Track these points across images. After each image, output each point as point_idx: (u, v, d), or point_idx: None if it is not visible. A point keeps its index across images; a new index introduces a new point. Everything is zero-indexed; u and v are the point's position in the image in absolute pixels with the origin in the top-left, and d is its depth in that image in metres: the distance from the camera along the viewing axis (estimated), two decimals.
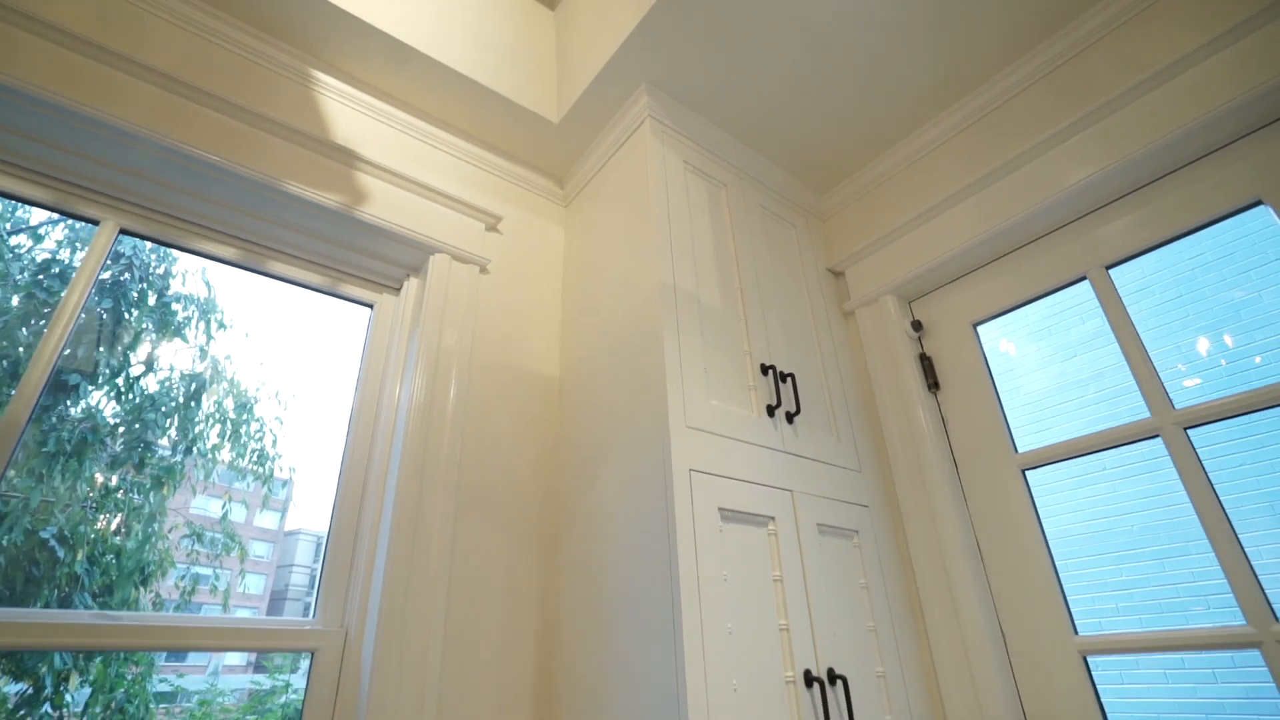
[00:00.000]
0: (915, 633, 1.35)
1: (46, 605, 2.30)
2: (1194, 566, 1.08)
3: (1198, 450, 1.13)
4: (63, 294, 1.12)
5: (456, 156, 1.58)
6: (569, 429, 1.43)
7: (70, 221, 2.65)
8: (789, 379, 1.39)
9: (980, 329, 1.51)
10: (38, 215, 2.52)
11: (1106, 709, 1.14)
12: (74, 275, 1.15)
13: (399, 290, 1.49)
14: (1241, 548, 1.05)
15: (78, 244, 2.68)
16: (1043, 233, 1.41)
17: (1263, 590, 1.02)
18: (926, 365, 1.55)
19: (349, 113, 1.44)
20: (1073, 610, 1.22)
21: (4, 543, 2.19)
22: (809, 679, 1.08)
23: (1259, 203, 1.15)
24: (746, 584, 1.10)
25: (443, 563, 1.19)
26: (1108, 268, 1.32)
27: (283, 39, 1.37)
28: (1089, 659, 1.19)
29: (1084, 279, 1.35)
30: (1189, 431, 1.15)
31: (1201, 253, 1.26)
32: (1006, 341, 1.46)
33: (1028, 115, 1.43)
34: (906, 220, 1.59)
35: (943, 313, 1.57)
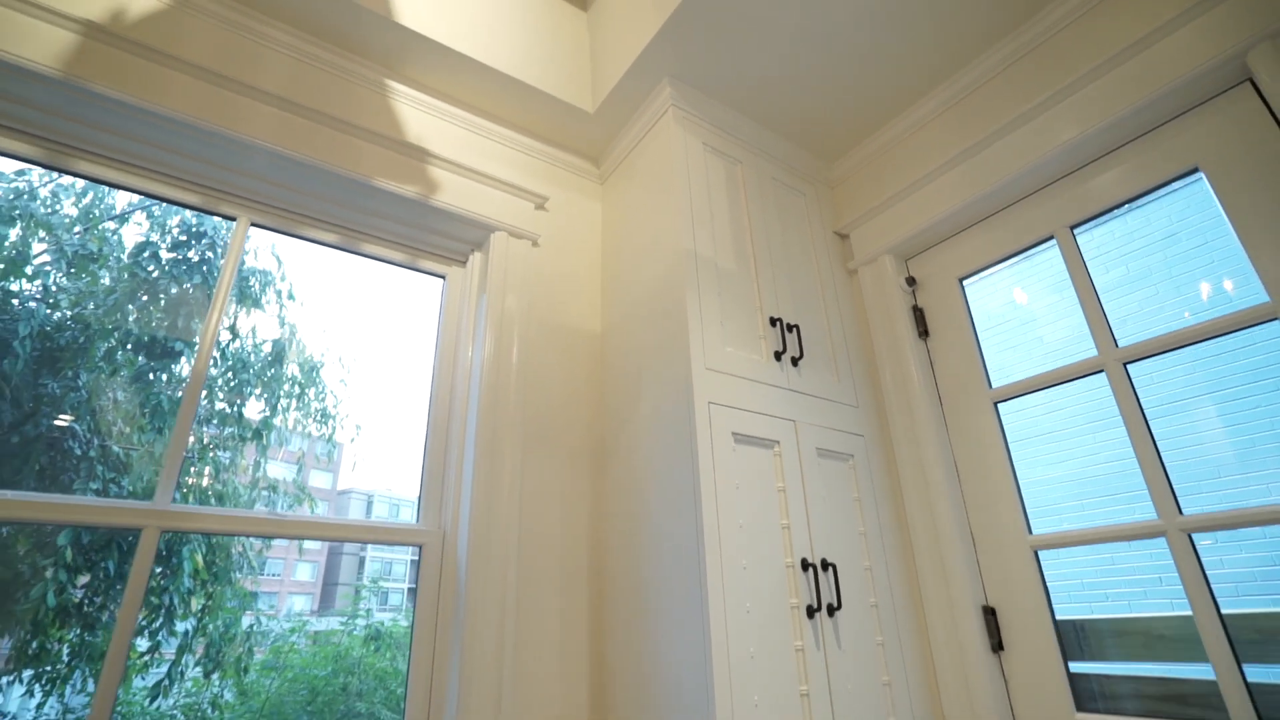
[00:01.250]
0: (900, 537, 1.63)
1: None
2: (1126, 474, 1.32)
3: (1133, 381, 1.36)
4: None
5: (508, 146, 1.85)
6: (610, 374, 1.72)
7: (153, 208, 3.00)
8: (794, 329, 1.65)
9: (965, 283, 1.73)
10: (122, 200, 2.81)
11: (1050, 590, 1.41)
12: (222, 263, 1.48)
13: (465, 263, 1.79)
14: (1159, 456, 1.29)
15: (162, 228, 3.02)
16: (1019, 197, 1.62)
17: (1173, 492, 1.26)
18: (918, 315, 1.79)
19: (417, 114, 1.71)
20: (1028, 514, 1.48)
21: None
22: (805, 565, 1.38)
23: (1196, 169, 1.34)
24: (755, 492, 1.39)
25: (514, 483, 1.51)
26: (1072, 228, 1.52)
27: (363, 55, 1.64)
28: (1039, 552, 1.45)
29: (1051, 238, 1.55)
30: (1128, 366, 1.38)
31: (1150, 223, 1.46)
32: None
33: (1008, 92, 1.62)
34: (903, 187, 1.81)
35: (933, 269, 1.80)
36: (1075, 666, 1.37)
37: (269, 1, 1.50)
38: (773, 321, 1.62)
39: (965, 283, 1.73)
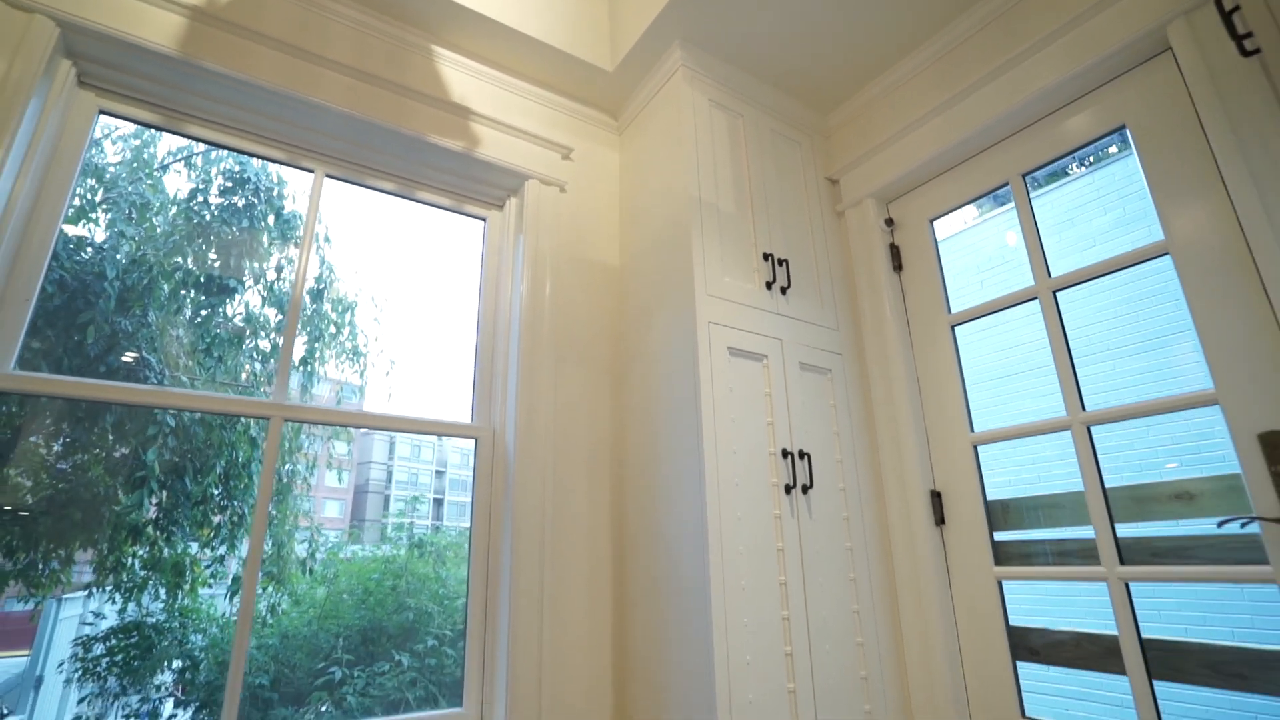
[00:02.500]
0: (867, 436, 1.96)
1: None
2: (1046, 380, 1.63)
3: (1059, 305, 1.65)
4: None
5: (537, 102, 2.10)
6: (627, 302, 2.03)
7: (195, 159, 3.24)
8: (784, 263, 1.94)
9: (934, 223, 2.00)
10: (161, 150, 3.01)
11: (984, 476, 1.75)
12: (305, 214, 1.78)
13: (503, 207, 2.08)
14: (1072, 364, 1.60)
15: (209, 175, 3.25)
16: (981, 149, 1.86)
17: (1079, 394, 1.58)
18: (894, 252, 2.07)
19: (460, 76, 1.97)
20: (972, 416, 1.81)
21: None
22: (784, 453, 1.72)
23: (1123, 126, 1.58)
24: (746, 396, 1.72)
25: (550, 391, 1.85)
26: (1024, 175, 1.78)
27: (414, 24, 1.88)
28: (977, 447, 1.78)
29: (1006, 184, 1.81)
30: (1057, 294, 1.67)
31: (1091, 185, 1.71)
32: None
33: (976, 55, 1.84)
34: (886, 138, 2.05)
35: (909, 211, 2.06)
36: (998, 535, 1.73)
37: None
38: (765, 256, 1.91)
39: (935, 222, 2.00)
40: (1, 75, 1.31)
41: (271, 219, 3.51)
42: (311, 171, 1.82)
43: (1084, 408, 1.57)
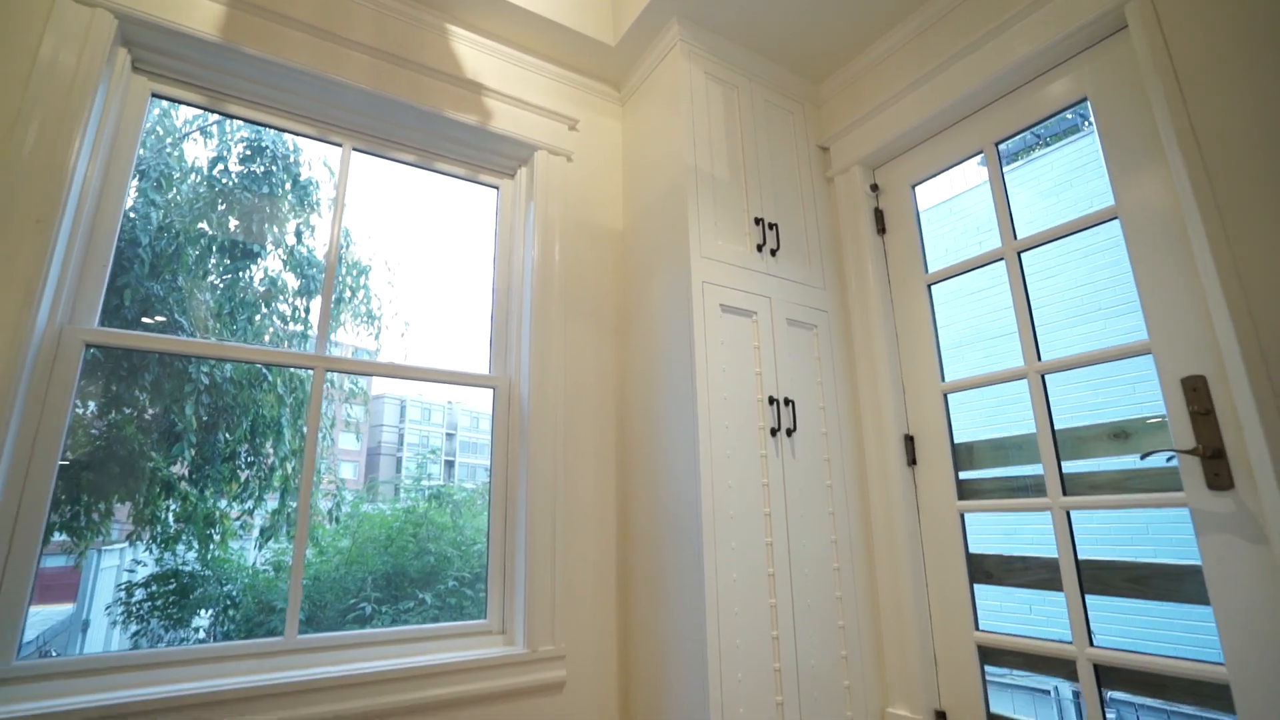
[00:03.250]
0: (849, 386, 2.15)
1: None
2: (1010, 335, 1.80)
3: (1023, 264, 1.81)
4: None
5: (545, 76, 2.24)
6: (629, 263, 2.21)
7: (210, 127, 3.36)
8: (774, 227, 2.10)
9: (916, 189, 2.14)
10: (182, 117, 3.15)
11: (951, 422, 1.94)
12: (322, 181, 1.95)
13: (514, 176, 2.24)
14: (1031, 319, 1.76)
15: (227, 143, 3.38)
16: (959, 119, 1.99)
17: (1036, 345, 1.75)
18: (879, 216, 2.22)
19: (473, 53, 2.11)
20: (943, 366, 1.98)
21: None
22: (771, 400, 1.92)
23: (1085, 99, 1.71)
24: (736, 349, 1.90)
25: (560, 345, 2.04)
26: (996, 143, 1.91)
27: (428, 5, 2.02)
28: (947, 395, 1.97)
29: (980, 151, 1.95)
30: (1021, 255, 1.82)
31: (1059, 157, 1.84)
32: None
33: (955, 29, 1.95)
34: (873, 107, 2.18)
35: (893, 177, 2.20)
36: (962, 474, 1.92)
37: None
38: (757, 221, 2.07)
39: (916, 188, 2.14)
40: (73, 68, 1.48)
41: (289, 185, 3.66)
42: (340, 145, 1.99)
43: (1040, 358, 1.74)
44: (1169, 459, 1.48)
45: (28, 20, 1.48)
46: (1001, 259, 1.86)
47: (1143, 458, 1.44)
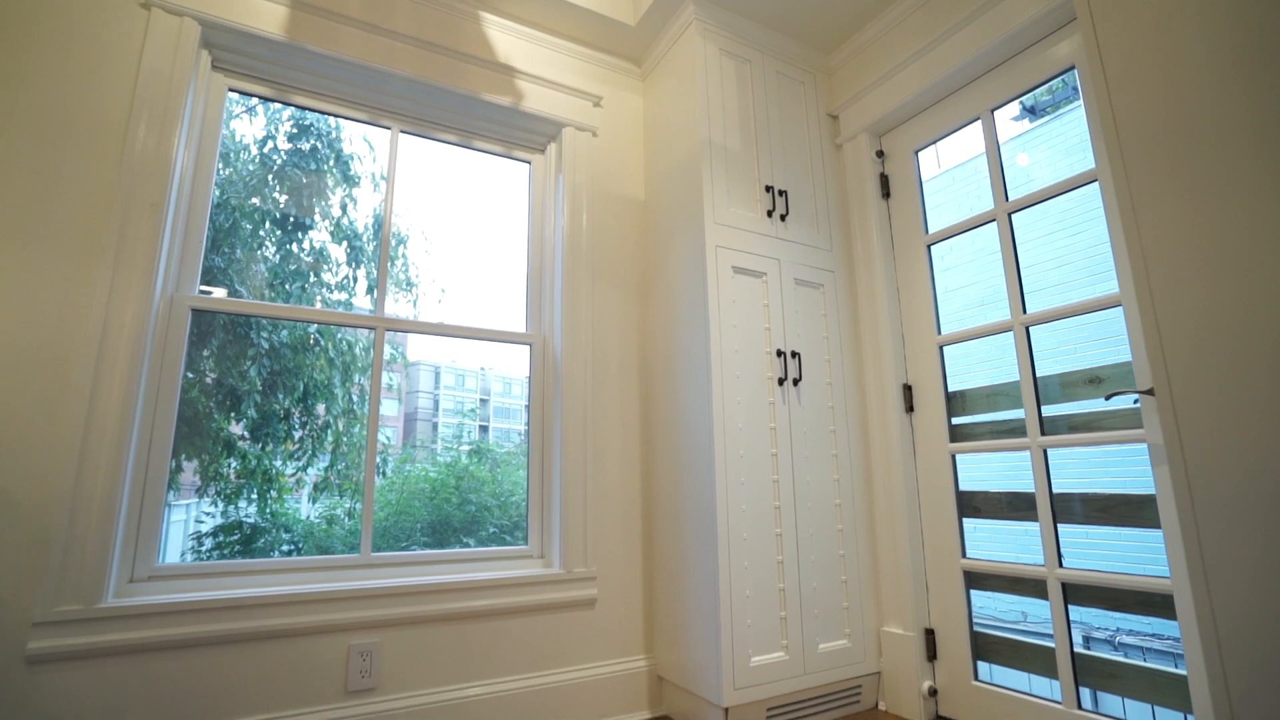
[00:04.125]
0: (853, 340, 2.33)
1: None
2: (998, 290, 1.95)
3: (1013, 224, 1.95)
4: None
5: (571, 56, 2.42)
6: (651, 229, 2.41)
7: (256, 108, 3.62)
8: (784, 194, 2.27)
9: (919, 154, 2.28)
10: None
11: (946, 371, 2.12)
12: (386, 166, 2.19)
13: (544, 151, 2.44)
14: (1019, 275, 1.91)
15: (275, 121, 3.62)
16: (958, 87, 2.11)
17: (1023, 299, 1.90)
18: (884, 181, 2.36)
19: (504, 37, 2.30)
20: (940, 321, 2.15)
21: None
22: (779, 353, 2.12)
23: (1072, 67, 1.82)
24: (747, 307, 2.10)
25: (588, 306, 2.27)
26: (992, 110, 2.04)
27: None
28: (942, 347, 2.14)
29: (978, 119, 2.07)
30: (1011, 216, 1.96)
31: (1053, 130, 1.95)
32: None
33: (954, 2, 2.06)
34: (879, 76, 2.30)
35: (897, 144, 2.33)
36: (955, 420, 2.11)
37: None
38: (767, 189, 2.24)
39: (919, 153, 2.28)
40: (169, 71, 1.73)
41: (332, 160, 3.92)
42: (389, 129, 2.22)
43: (1025, 311, 1.90)
44: (1135, 400, 1.64)
45: (130, 32, 1.73)
46: (994, 220, 2.01)
47: (1107, 399, 1.61)
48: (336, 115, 2.14)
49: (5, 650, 1.39)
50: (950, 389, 2.13)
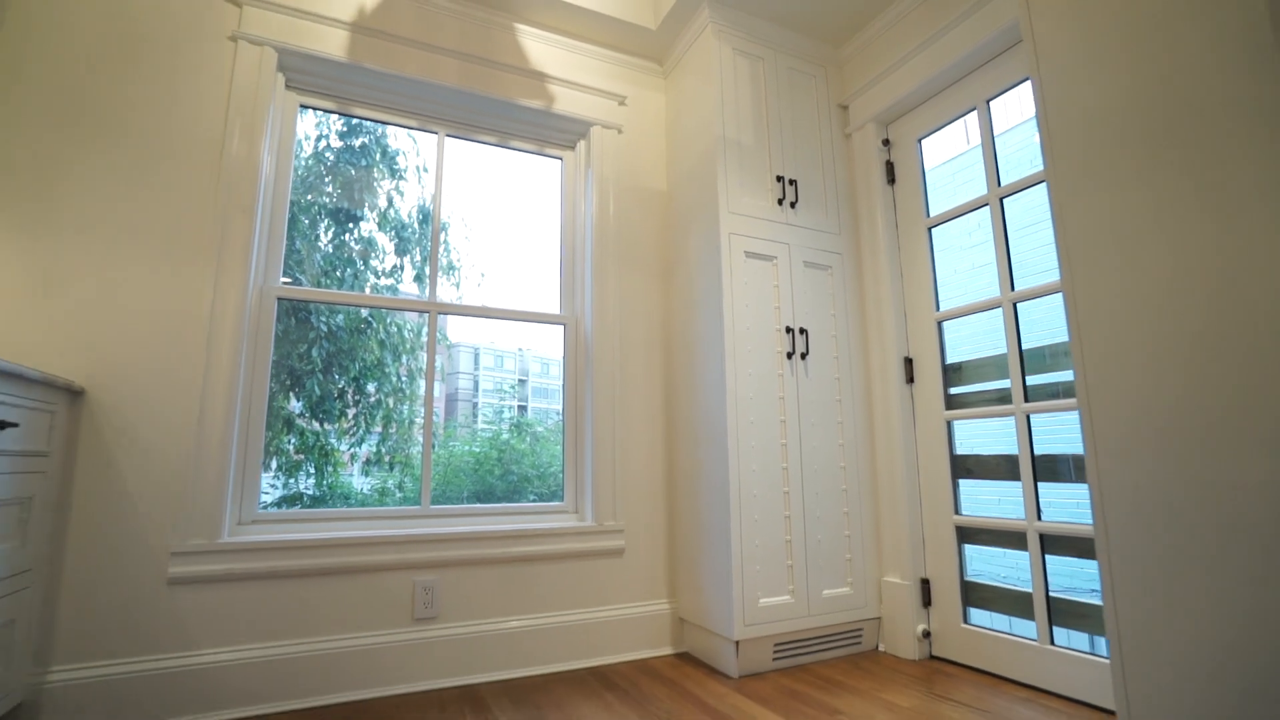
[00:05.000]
0: (859, 317, 2.52)
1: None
2: (990, 270, 2.12)
3: (1005, 210, 2.11)
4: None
5: (597, 59, 2.64)
6: (671, 218, 2.63)
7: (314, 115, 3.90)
8: (794, 182, 2.46)
9: (922, 142, 2.43)
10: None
11: (944, 345, 2.30)
12: (433, 175, 2.46)
13: (574, 148, 2.68)
14: (1009, 255, 2.08)
15: (326, 120, 3.92)
16: (956, 80, 2.26)
17: (1011, 278, 2.07)
18: (889, 168, 2.52)
19: (536, 45, 2.53)
20: (939, 298, 2.33)
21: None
22: (788, 330, 2.33)
23: None
24: (758, 288, 2.32)
25: (616, 289, 2.51)
26: (988, 100, 2.18)
27: (498, 9, 2.45)
28: (941, 324, 2.32)
29: (974, 109, 2.22)
30: (1003, 200, 2.12)
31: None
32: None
33: None
34: (885, 68, 2.45)
35: (902, 132, 2.49)
36: (951, 390, 2.29)
37: None
38: (778, 179, 2.43)
39: (922, 141, 2.43)
40: (254, 92, 2.03)
41: (379, 155, 4.23)
42: (436, 133, 2.49)
43: (1013, 289, 2.07)
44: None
45: (222, 62, 2.03)
46: (987, 204, 2.17)
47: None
48: (391, 124, 2.42)
49: (153, 573, 1.74)
50: (949, 361, 2.31)
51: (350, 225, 4.38)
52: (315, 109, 2.34)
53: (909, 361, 2.41)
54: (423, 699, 1.92)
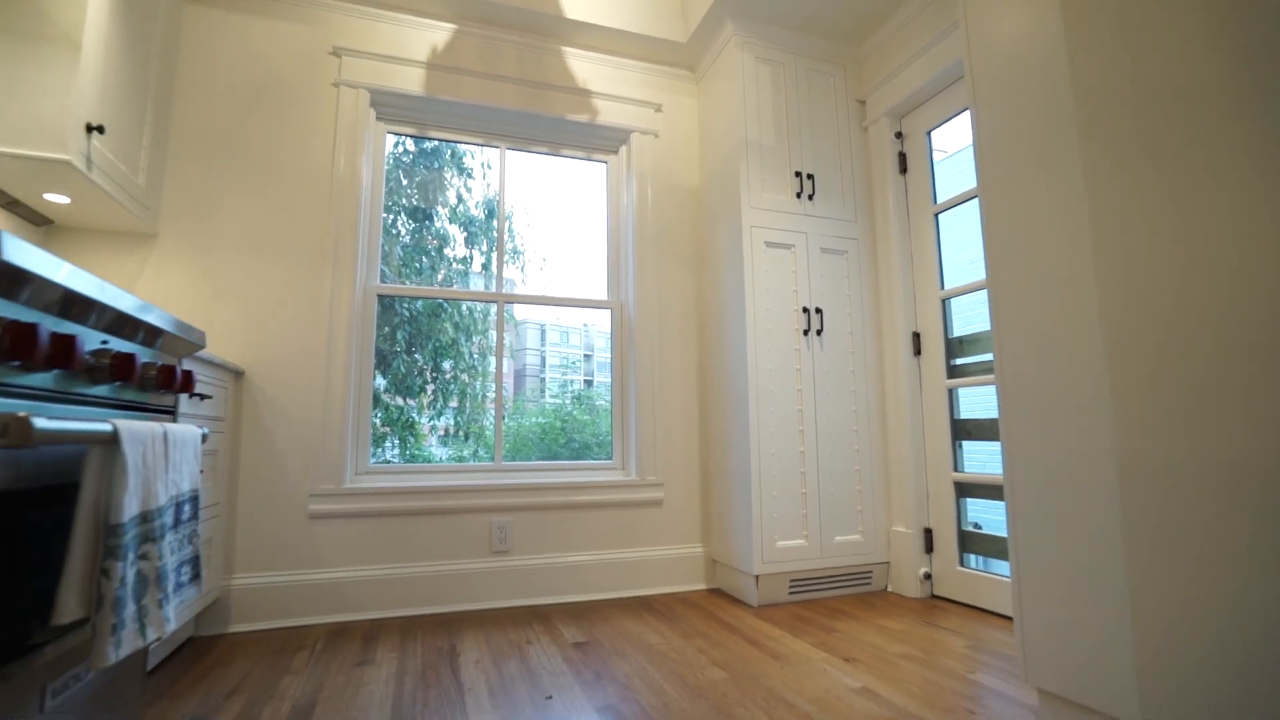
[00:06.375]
0: (872, 296, 2.79)
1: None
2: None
3: None
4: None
5: (635, 72, 2.98)
6: (703, 212, 2.97)
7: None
8: (811, 176, 2.74)
9: (931, 134, 2.65)
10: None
11: (948, 320, 2.55)
12: (496, 173, 2.89)
13: (617, 153, 3.05)
14: None
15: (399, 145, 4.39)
16: (959, 77, 2.47)
17: None
18: (901, 158, 2.75)
19: (581, 65, 2.90)
20: (944, 278, 2.57)
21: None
22: (805, 310, 2.64)
23: None
24: (778, 273, 2.63)
25: (655, 276, 2.89)
26: None
27: (549, 36, 2.83)
28: (945, 300, 2.57)
29: None
30: None
31: None
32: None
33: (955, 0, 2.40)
34: (898, 65, 2.68)
35: (914, 125, 2.71)
36: (954, 361, 2.55)
37: (504, 19, 2.73)
38: (797, 174, 2.72)
39: (931, 134, 2.65)
40: (352, 126, 2.51)
41: (449, 155, 4.72)
42: (498, 148, 2.91)
43: None
44: None
45: (329, 103, 2.52)
46: None
47: None
48: (461, 142, 2.86)
49: (297, 509, 2.30)
50: (953, 335, 2.56)
51: (425, 221, 4.92)
52: (400, 134, 2.80)
53: (917, 336, 2.67)
54: (499, 614, 2.42)
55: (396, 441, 3.04)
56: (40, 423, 0.83)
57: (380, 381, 2.86)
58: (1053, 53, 1.37)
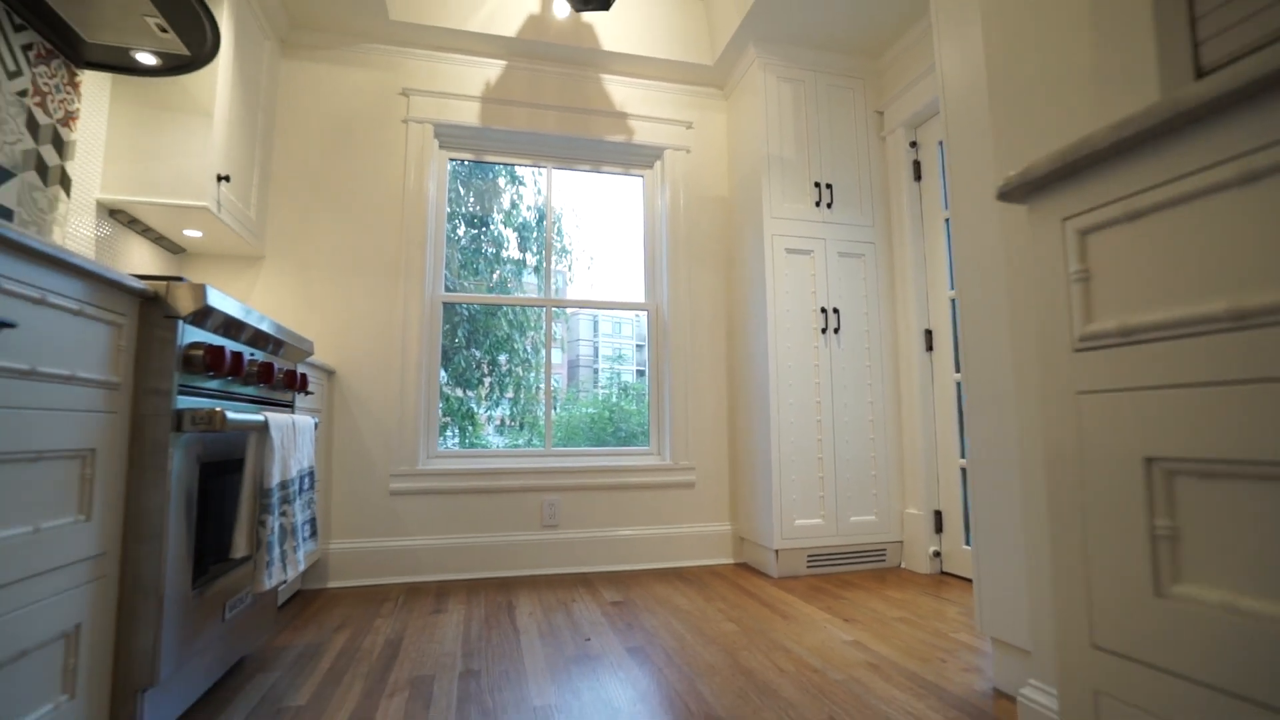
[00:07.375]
0: (888, 297, 3.01)
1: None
2: None
3: None
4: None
5: (667, 93, 3.27)
6: (731, 221, 3.23)
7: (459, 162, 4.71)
8: (830, 186, 2.97)
9: (943, 144, 2.83)
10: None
11: (958, 319, 2.75)
12: (541, 184, 3.23)
13: (652, 168, 3.34)
14: None
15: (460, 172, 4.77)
16: None
17: None
18: (916, 167, 2.95)
19: (618, 89, 3.20)
20: (954, 279, 2.77)
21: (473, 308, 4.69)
22: (823, 310, 2.89)
23: None
24: (797, 277, 2.89)
25: (687, 280, 3.18)
26: None
27: (589, 67, 3.14)
28: (954, 300, 2.76)
29: None
30: None
31: None
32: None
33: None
34: (912, 79, 2.87)
35: (927, 136, 2.90)
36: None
37: (548, 54, 3.07)
38: (816, 184, 2.96)
39: (942, 144, 2.84)
40: (419, 155, 2.90)
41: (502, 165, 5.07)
42: (545, 168, 3.26)
43: None
44: None
45: (400, 137, 2.91)
46: None
47: None
48: (512, 164, 3.22)
49: (380, 487, 2.72)
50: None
51: (482, 227, 5.32)
52: (460, 160, 3.18)
53: (929, 333, 2.88)
54: (549, 579, 2.79)
55: (457, 430, 3.31)
56: (230, 415, 1.21)
57: (442, 375, 3.13)
58: (979, 96, 1.59)
